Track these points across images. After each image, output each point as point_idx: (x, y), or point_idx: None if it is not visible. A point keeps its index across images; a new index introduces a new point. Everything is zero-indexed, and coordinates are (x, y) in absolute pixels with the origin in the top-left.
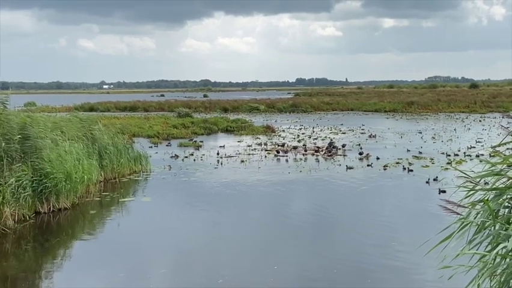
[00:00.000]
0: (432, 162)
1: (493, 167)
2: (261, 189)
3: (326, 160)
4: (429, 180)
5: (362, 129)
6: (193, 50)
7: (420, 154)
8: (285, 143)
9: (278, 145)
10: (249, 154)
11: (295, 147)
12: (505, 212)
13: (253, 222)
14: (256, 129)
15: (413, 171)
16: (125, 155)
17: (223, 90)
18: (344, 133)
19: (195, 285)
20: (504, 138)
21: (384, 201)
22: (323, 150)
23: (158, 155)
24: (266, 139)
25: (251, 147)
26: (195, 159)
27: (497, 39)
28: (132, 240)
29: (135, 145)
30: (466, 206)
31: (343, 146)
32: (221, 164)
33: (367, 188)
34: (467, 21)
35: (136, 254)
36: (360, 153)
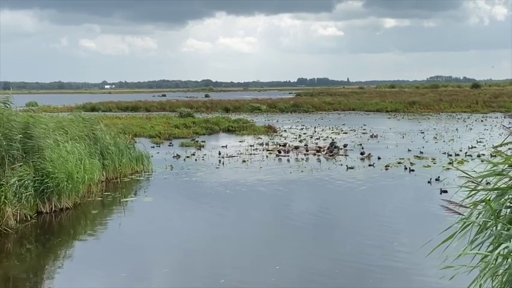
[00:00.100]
0: (434, 162)
1: (494, 167)
2: (262, 189)
3: (328, 160)
4: (431, 180)
5: (364, 129)
6: (194, 50)
7: (422, 154)
8: (286, 143)
9: (280, 145)
10: (250, 154)
11: (296, 147)
12: (506, 212)
13: (254, 222)
14: (257, 129)
15: (414, 171)
16: (126, 155)
17: (225, 90)
18: (346, 133)
19: (197, 285)
20: (506, 138)
21: (385, 201)
22: (324, 150)
23: (160, 155)
24: (268, 139)
25: (253, 147)
26: (196, 159)
27: (499, 39)
28: (134, 240)
29: (137, 145)
30: (467, 206)
31: (345, 146)
32: (223, 164)
33: (368, 188)
34: (469, 21)
35: (137, 254)
36: (361, 153)
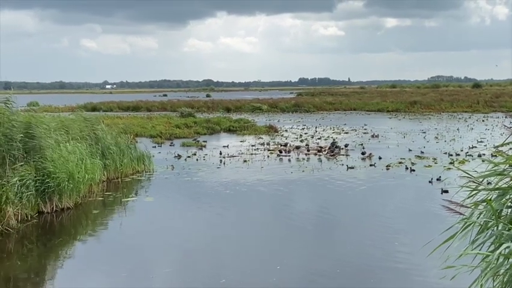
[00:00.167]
0: (435, 162)
1: (495, 167)
2: (263, 189)
3: (329, 160)
4: (432, 180)
5: (365, 129)
6: (195, 50)
7: (423, 154)
8: (287, 142)
9: (281, 145)
10: (251, 154)
11: (297, 147)
12: (508, 212)
13: (255, 222)
14: (258, 129)
15: (415, 171)
16: (128, 155)
17: (226, 90)
18: (347, 133)
19: (197, 285)
20: (507, 138)
21: (386, 201)
22: (325, 150)
23: (161, 155)
24: (269, 139)
25: (254, 147)
26: (197, 159)
27: (500, 38)
28: (134, 240)
29: (138, 145)
30: (468, 206)
31: (346, 145)
32: (224, 163)
33: (369, 188)
34: (470, 20)
35: (138, 254)
36: (362, 153)
